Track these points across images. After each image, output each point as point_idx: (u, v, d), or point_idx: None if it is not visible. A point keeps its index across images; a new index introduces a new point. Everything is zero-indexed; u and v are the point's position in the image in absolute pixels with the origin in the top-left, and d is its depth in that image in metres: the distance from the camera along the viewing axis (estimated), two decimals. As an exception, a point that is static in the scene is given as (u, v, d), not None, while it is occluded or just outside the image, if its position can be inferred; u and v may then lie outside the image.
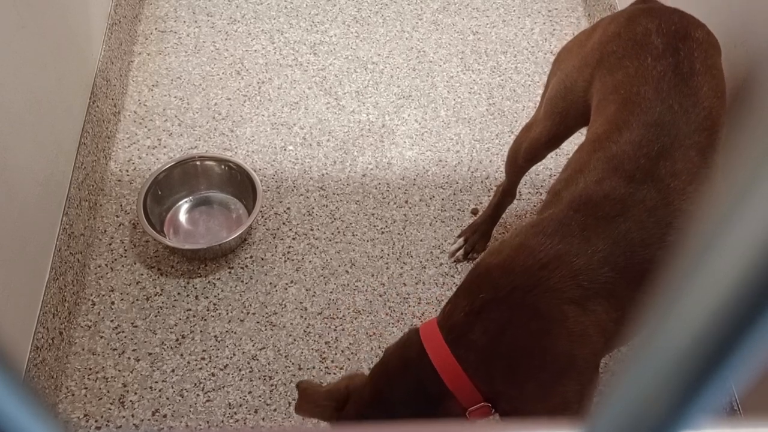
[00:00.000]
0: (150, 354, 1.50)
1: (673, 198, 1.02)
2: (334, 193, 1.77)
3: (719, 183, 0.16)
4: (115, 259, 1.64)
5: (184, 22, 2.14)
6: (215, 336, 1.53)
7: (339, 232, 1.70)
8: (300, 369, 1.50)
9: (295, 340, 1.54)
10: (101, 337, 1.52)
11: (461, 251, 1.65)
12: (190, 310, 1.57)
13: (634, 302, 0.99)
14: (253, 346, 1.52)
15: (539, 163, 1.49)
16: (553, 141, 1.36)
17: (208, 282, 1.61)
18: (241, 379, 1.48)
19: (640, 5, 1.28)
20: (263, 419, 1.43)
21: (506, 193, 1.58)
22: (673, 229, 1.01)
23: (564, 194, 1.07)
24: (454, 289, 1.61)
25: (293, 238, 1.69)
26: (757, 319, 0.16)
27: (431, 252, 1.68)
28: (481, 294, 1.01)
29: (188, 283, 1.61)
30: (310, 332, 1.55)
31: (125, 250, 1.65)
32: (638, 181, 1.02)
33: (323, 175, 1.80)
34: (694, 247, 0.16)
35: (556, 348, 0.98)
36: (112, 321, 1.55)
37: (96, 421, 1.41)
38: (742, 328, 0.16)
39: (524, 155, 1.42)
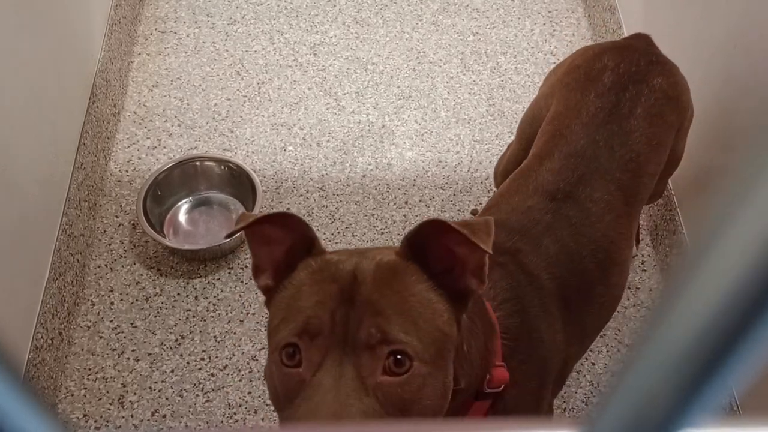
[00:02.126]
0: (149, 354, 1.50)
1: (594, 221, 1.02)
2: (333, 194, 1.77)
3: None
4: (115, 260, 1.64)
5: (184, 22, 2.14)
6: (215, 336, 1.53)
7: (339, 232, 1.70)
8: (299, 369, 1.49)
9: (294, 340, 1.53)
10: (100, 337, 1.52)
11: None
12: (189, 310, 1.57)
13: (574, 317, 0.97)
14: (253, 346, 1.52)
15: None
16: None
17: (208, 282, 1.61)
18: (240, 380, 1.47)
19: (623, 41, 1.28)
20: (263, 419, 1.43)
21: None
22: (599, 248, 1.01)
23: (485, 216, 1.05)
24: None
25: (293, 239, 1.69)
26: (758, 319, 0.16)
27: (431, 253, 1.68)
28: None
29: (188, 283, 1.61)
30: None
31: (125, 251, 1.65)
32: (559, 200, 1.02)
33: (323, 175, 1.80)
34: (695, 246, 0.16)
35: (548, 347, 0.93)
36: (111, 321, 1.55)
37: (95, 421, 1.41)
38: (743, 327, 0.16)
39: (501, 177, 1.44)
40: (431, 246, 0.71)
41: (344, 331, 0.66)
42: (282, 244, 0.76)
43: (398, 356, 0.66)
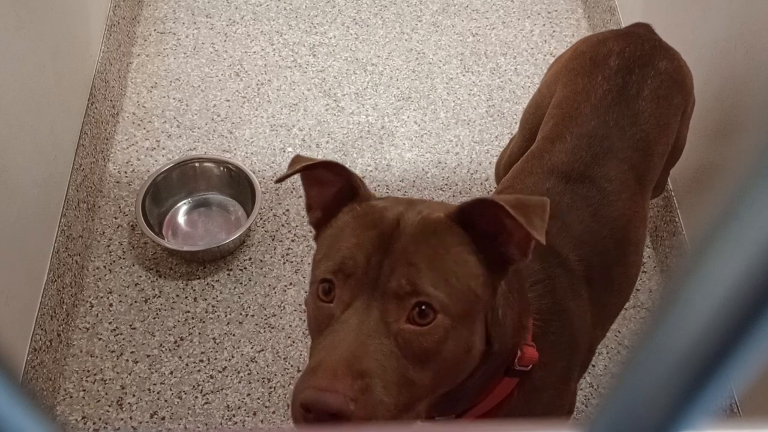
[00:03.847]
0: (148, 356, 1.50)
1: (612, 199, 1.03)
2: (333, 195, 1.77)
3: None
4: (114, 261, 1.64)
5: (183, 23, 2.14)
6: (214, 338, 1.53)
7: (338, 233, 1.70)
8: (299, 371, 1.49)
9: (293, 342, 1.53)
10: (99, 339, 1.52)
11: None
12: (188, 312, 1.57)
13: (596, 300, 0.98)
14: (252, 348, 1.52)
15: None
16: None
17: (207, 284, 1.61)
18: (239, 382, 1.47)
19: (626, 28, 1.29)
20: (262, 421, 1.43)
21: None
22: (617, 228, 1.01)
23: None
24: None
25: (292, 240, 1.69)
26: (757, 320, 0.16)
27: (430, 254, 1.68)
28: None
29: (187, 285, 1.61)
30: (308, 334, 1.54)
31: (123, 252, 1.65)
32: (575, 180, 1.03)
33: (322, 176, 1.80)
34: (693, 247, 0.16)
35: (577, 329, 0.94)
36: (110, 323, 1.54)
37: (94, 423, 1.41)
38: (742, 328, 0.16)
39: (504, 168, 1.44)
40: (483, 213, 0.73)
41: (376, 277, 0.70)
42: (332, 186, 0.80)
43: (423, 307, 0.69)
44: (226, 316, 1.57)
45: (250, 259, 1.65)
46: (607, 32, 1.27)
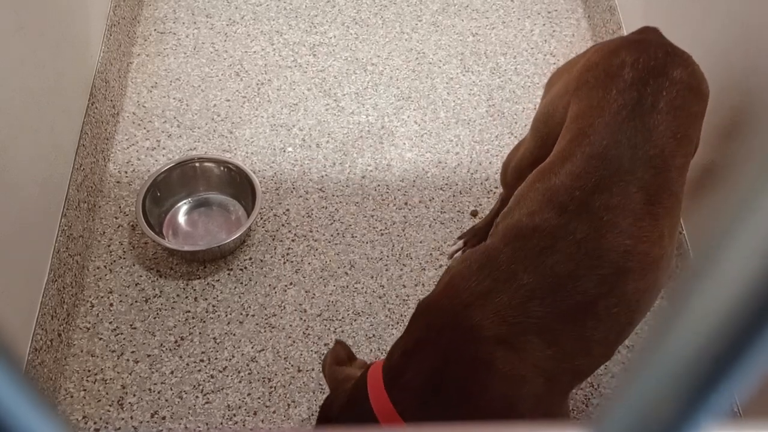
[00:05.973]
0: (149, 356, 1.50)
1: (605, 231, 1.01)
2: (333, 195, 1.77)
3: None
4: (114, 261, 1.64)
5: (183, 23, 2.14)
6: (214, 338, 1.53)
7: (338, 233, 1.70)
8: (299, 371, 1.49)
9: (294, 341, 1.53)
10: (100, 338, 1.52)
11: (459, 253, 1.65)
12: (189, 311, 1.57)
13: (570, 336, 0.99)
14: (252, 347, 1.52)
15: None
16: (537, 162, 1.35)
17: (207, 284, 1.61)
18: (240, 381, 1.47)
19: (635, 35, 1.26)
20: (262, 421, 1.43)
21: (505, 202, 1.58)
22: (604, 262, 1.00)
23: (500, 227, 1.09)
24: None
25: (292, 240, 1.69)
26: (763, 325, 0.16)
27: (431, 254, 1.68)
28: (416, 334, 1.03)
29: (187, 284, 1.61)
30: (309, 334, 1.55)
31: (124, 252, 1.65)
32: (571, 212, 1.02)
33: (323, 176, 1.80)
34: (702, 254, 0.16)
35: (489, 391, 0.97)
36: (110, 323, 1.54)
37: (95, 423, 1.41)
38: (749, 332, 0.16)
39: (511, 173, 1.43)
40: None
41: None
42: None
43: None
44: (226, 315, 1.56)
45: (250, 258, 1.65)
46: (618, 40, 1.23)
